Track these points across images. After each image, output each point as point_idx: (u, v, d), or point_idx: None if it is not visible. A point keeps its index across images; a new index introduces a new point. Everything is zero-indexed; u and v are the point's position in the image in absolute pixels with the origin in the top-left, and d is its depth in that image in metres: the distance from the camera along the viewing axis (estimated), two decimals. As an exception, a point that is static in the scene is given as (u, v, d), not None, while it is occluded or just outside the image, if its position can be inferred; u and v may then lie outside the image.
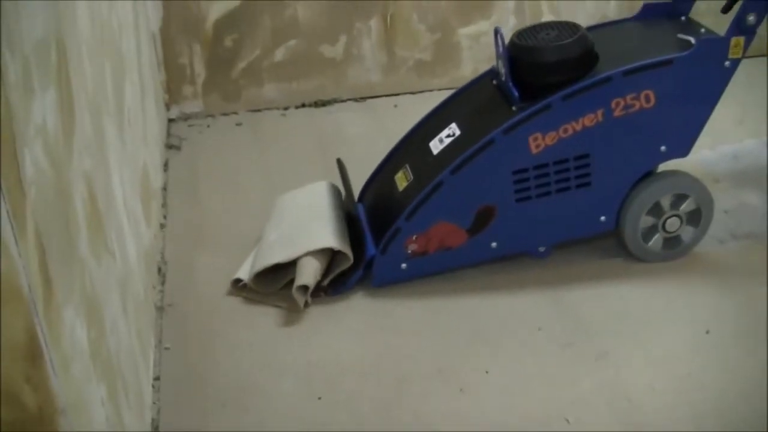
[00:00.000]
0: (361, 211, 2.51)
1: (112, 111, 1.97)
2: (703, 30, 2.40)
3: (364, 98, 3.58)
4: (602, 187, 2.34)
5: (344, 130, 3.32)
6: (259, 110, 3.54)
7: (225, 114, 3.52)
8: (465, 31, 3.54)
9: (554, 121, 2.25)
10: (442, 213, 2.32)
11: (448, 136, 2.41)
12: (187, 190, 2.95)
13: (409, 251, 2.35)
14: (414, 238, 2.34)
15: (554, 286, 2.37)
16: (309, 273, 2.28)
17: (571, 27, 2.34)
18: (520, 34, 2.36)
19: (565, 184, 2.33)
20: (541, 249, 2.44)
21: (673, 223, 2.39)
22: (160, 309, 2.34)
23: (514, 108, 2.29)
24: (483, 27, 3.49)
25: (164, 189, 2.93)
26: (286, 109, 3.55)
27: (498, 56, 2.37)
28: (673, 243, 2.42)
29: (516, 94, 2.28)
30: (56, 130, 1.36)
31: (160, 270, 2.48)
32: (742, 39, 2.25)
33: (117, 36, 2.23)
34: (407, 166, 2.47)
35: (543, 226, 2.39)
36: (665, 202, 2.37)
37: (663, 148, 2.33)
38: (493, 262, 2.43)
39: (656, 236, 2.40)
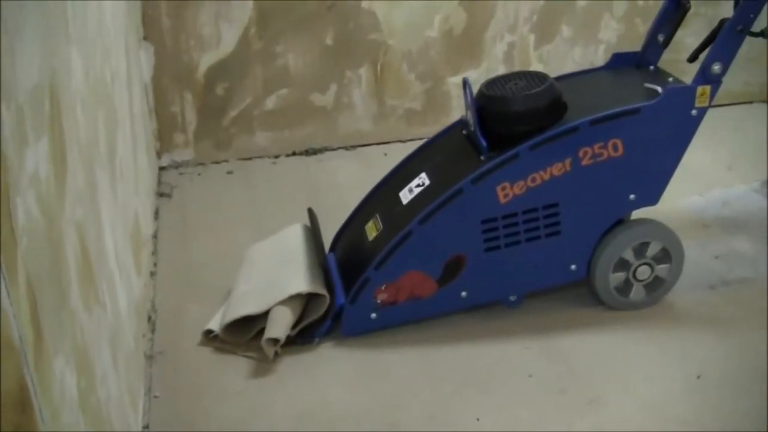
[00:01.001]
0: (331, 261, 2.51)
1: (104, 161, 1.98)
2: (671, 79, 2.42)
3: (354, 146, 3.60)
4: (572, 236, 2.34)
5: (335, 178, 3.33)
6: (250, 158, 3.55)
7: (216, 162, 3.53)
8: (455, 80, 3.57)
9: (522, 170, 2.26)
10: (411, 263, 2.32)
11: (418, 185, 2.41)
12: (177, 237, 2.95)
13: (379, 301, 2.34)
14: (383, 287, 2.33)
15: (544, 333, 2.36)
16: (279, 325, 2.27)
17: (539, 77, 2.36)
18: (489, 84, 2.38)
19: (534, 233, 2.32)
20: (512, 298, 2.43)
21: (643, 272, 2.39)
22: (149, 357, 2.32)
23: (482, 158, 2.29)
24: (473, 76, 3.52)
25: (155, 237, 2.93)
26: (276, 157, 3.56)
27: (467, 106, 2.39)
28: (654, 286, 2.42)
29: (484, 144, 2.29)
30: (48, 180, 1.36)
31: (150, 318, 2.47)
32: (708, 88, 2.27)
33: (110, 86, 2.24)
34: (377, 215, 2.47)
35: (513, 276, 2.38)
36: (639, 250, 2.37)
37: (632, 196, 2.33)
38: (480, 308, 2.43)
39: (634, 287, 2.40)
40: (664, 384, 2.16)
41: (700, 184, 3.10)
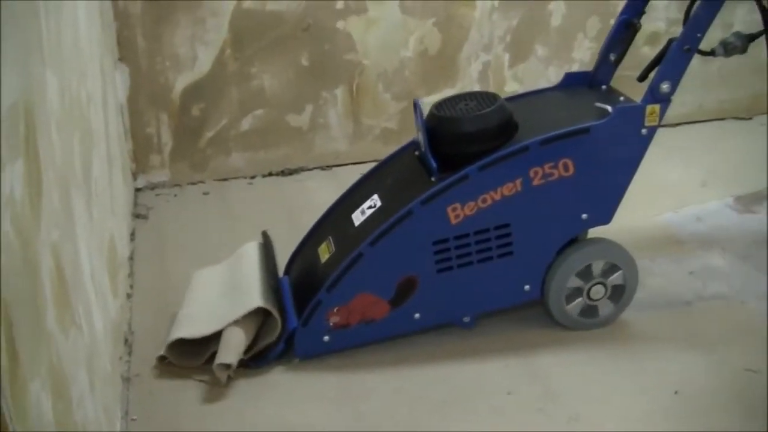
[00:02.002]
0: (285, 284, 2.50)
1: (79, 182, 1.97)
2: (622, 98, 2.42)
3: (330, 166, 3.61)
4: (525, 257, 2.34)
5: (311, 198, 3.33)
6: (226, 179, 3.55)
7: (192, 183, 3.52)
8: (430, 100, 3.58)
9: (472, 191, 2.25)
10: (363, 285, 2.30)
11: (370, 207, 2.41)
12: (154, 259, 2.94)
13: (331, 323, 2.32)
14: (335, 310, 2.31)
15: (522, 351, 2.36)
16: (232, 349, 2.25)
17: (489, 97, 2.37)
18: (439, 105, 2.38)
19: (486, 254, 2.32)
20: (466, 319, 2.42)
21: (597, 291, 2.39)
22: (126, 380, 2.31)
23: (433, 179, 2.29)
24: (448, 95, 3.54)
25: (131, 258, 2.92)
26: (253, 178, 3.56)
27: (417, 128, 2.39)
28: (590, 312, 2.42)
29: (434, 165, 2.29)
30: (24, 201, 1.36)
31: (126, 340, 2.45)
32: (657, 107, 2.28)
33: (85, 107, 2.24)
34: (330, 237, 2.47)
35: (466, 297, 2.37)
36: (593, 269, 2.37)
37: (584, 216, 2.33)
38: (457, 327, 2.42)
39: (579, 302, 2.39)
40: (642, 400, 2.16)
41: (674, 201, 3.12)
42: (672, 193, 3.18)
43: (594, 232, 2.41)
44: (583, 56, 3.68)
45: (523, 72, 3.67)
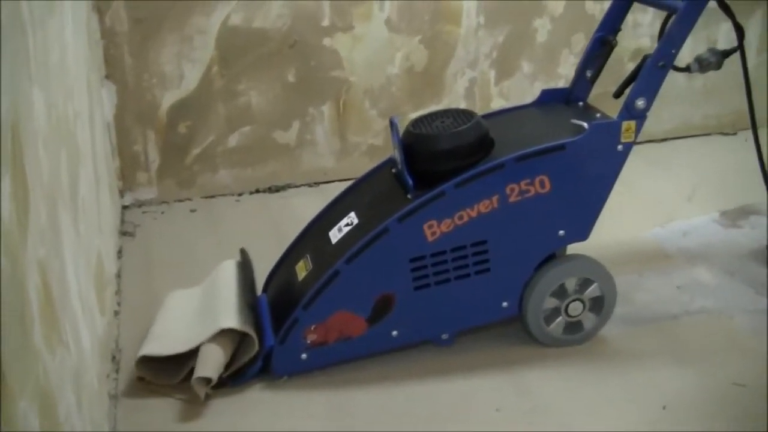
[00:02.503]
0: (263, 302, 2.49)
1: (66, 199, 1.97)
2: (598, 115, 2.43)
3: (317, 183, 3.61)
4: (502, 273, 2.33)
5: (298, 215, 3.30)
6: (213, 196, 3.54)
7: (179, 200, 3.52)
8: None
9: (449, 208, 2.25)
10: (339, 302, 2.29)
11: (347, 224, 2.41)
12: (141, 276, 2.93)
13: (309, 341, 2.31)
14: (313, 328, 2.30)
15: (509, 367, 2.36)
16: (210, 364, 2.24)
17: (466, 114, 2.37)
18: (416, 122, 2.38)
19: (463, 271, 2.31)
20: (444, 336, 2.41)
21: (575, 308, 2.39)
22: (114, 397, 2.30)
23: (409, 196, 2.29)
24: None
25: (118, 276, 2.91)
26: (240, 194, 3.56)
27: (394, 145, 2.39)
28: (574, 328, 2.42)
29: (410, 182, 2.29)
30: (10, 219, 1.35)
31: (114, 358, 2.44)
32: (633, 123, 2.28)
33: (72, 125, 2.23)
34: (308, 255, 2.46)
35: (444, 314, 2.36)
36: (570, 285, 2.37)
37: (561, 232, 2.33)
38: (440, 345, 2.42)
39: (558, 320, 2.39)
40: (630, 415, 2.16)
41: (660, 216, 3.14)
42: (659, 208, 3.19)
43: (578, 248, 2.41)
44: (569, 72, 3.70)
45: (509, 88, 3.69)
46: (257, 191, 3.58)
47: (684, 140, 3.88)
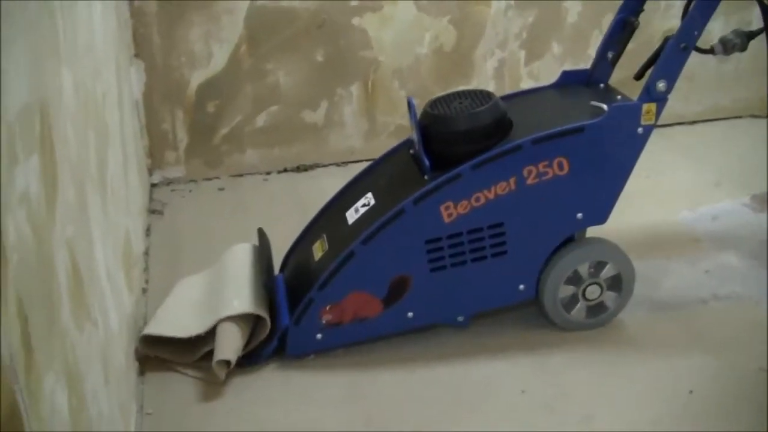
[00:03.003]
0: (280, 282, 2.50)
1: (94, 178, 1.98)
2: (619, 97, 2.40)
3: (345, 163, 3.61)
4: (519, 256, 2.32)
5: (326, 194, 3.29)
6: (241, 175, 3.55)
7: (207, 179, 3.53)
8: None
9: (465, 190, 2.23)
10: (355, 283, 2.29)
11: (364, 205, 2.40)
12: (169, 254, 2.95)
13: (324, 321, 2.31)
14: (328, 308, 2.30)
15: (534, 350, 2.36)
16: (230, 346, 2.25)
17: (484, 95, 2.35)
18: (433, 103, 2.37)
19: (480, 254, 2.30)
20: (460, 319, 2.40)
21: (593, 291, 2.37)
22: (141, 374, 2.32)
23: (426, 177, 2.28)
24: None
25: (146, 254, 2.93)
26: (268, 174, 3.57)
27: (412, 126, 2.37)
28: (596, 310, 2.41)
29: (427, 163, 2.27)
30: (39, 198, 1.37)
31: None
32: (654, 105, 2.25)
33: (101, 104, 2.25)
34: (324, 236, 2.46)
35: (460, 296, 2.35)
36: (583, 270, 2.35)
37: (579, 215, 2.31)
38: (470, 325, 2.42)
39: (579, 305, 2.38)
40: (655, 400, 2.16)
41: (689, 200, 3.11)
42: (687, 192, 3.16)
43: (603, 231, 2.38)
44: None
45: (539, 69, 3.66)
46: (285, 170, 3.58)
47: (714, 123, 3.83)
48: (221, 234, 3.08)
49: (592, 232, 2.41)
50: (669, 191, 3.18)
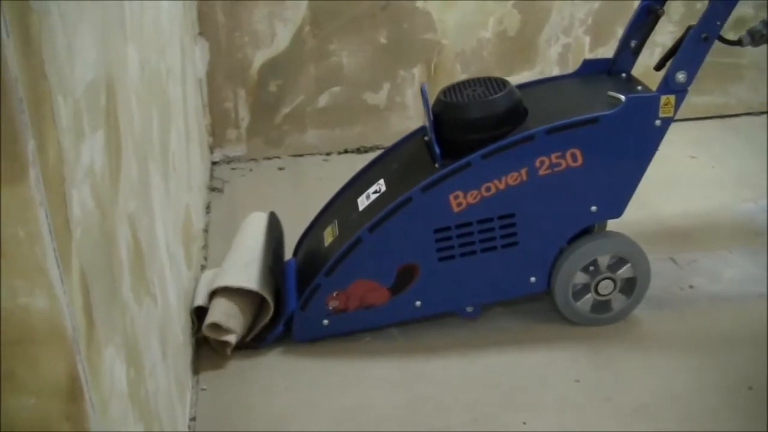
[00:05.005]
0: (291, 266, 2.50)
1: (157, 155, 2.01)
2: (639, 87, 2.33)
3: (405, 145, 3.60)
4: (530, 248, 2.28)
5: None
6: (301, 155, 3.57)
7: (268, 158, 3.56)
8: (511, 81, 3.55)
9: (475, 179, 2.20)
10: (361, 270, 2.28)
11: (375, 192, 2.38)
12: (228, 232, 2.96)
13: (331, 308, 2.30)
14: (335, 294, 2.29)
15: (590, 340, 2.34)
16: (223, 312, 2.27)
17: (499, 83, 2.31)
18: (447, 90, 2.33)
19: (490, 244, 2.27)
20: (469, 309, 2.37)
21: (606, 286, 2.33)
22: (197, 350, 2.35)
23: (436, 165, 2.25)
24: (526, 77, 3.50)
25: (206, 231, 2.96)
26: (328, 154, 3.58)
27: (425, 113, 2.34)
28: (601, 308, 2.37)
29: (438, 151, 2.24)
30: (103, 172, 1.39)
31: (199, 312, 2.49)
32: (673, 97, 2.19)
33: (165, 81, 2.27)
34: (335, 221, 2.45)
35: (469, 286, 2.32)
36: (603, 261, 2.31)
37: (594, 208, 2.26)
38: (524, 315, 2.41)
39: (587, 296, 2.34)
40: (712, 395, 2.13)
41: (752, 192, 3.05)
42: (750, 185, 3.10)
43: (647, 220, 2.32)
44: (666, 40, 3.59)
45: (604, 55, 3.61)
46: (345, 151, 3.59)
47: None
48: (280, 213, 3.09)
49: (645, 225, 2.36)
50: (731, 181, 3.12)
